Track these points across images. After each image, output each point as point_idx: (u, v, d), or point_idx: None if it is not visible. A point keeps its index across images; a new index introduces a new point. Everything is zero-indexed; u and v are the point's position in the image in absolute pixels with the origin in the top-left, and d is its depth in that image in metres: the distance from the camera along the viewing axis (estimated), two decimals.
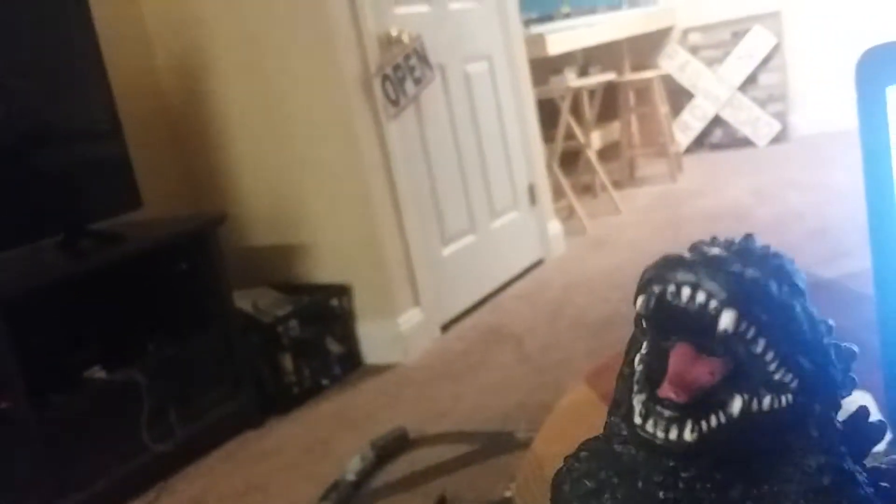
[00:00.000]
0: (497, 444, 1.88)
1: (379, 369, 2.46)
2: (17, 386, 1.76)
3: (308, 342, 2.38)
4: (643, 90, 4.46)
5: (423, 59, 2.69)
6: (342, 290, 2.54)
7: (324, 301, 2.48)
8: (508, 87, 3.20)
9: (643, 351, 0.45)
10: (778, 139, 4.71)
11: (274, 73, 2.52)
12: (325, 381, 2.42)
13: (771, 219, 3.21)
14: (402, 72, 2.61)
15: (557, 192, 3.62)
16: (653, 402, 0.43)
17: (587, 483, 0.49)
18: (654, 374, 0.45)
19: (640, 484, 0.47)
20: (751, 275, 0.43)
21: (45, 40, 2.07)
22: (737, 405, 0.46)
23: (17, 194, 1.96)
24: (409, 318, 2.57)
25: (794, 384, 0.49)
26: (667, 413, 0.43)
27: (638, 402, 0.44)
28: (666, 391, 0.43)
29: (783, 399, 0.48)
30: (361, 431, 2.07)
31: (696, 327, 0.41)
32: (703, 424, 0.45)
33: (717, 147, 4.90)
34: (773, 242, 0.41)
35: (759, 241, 0.43)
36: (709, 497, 0.47)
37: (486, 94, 3.07)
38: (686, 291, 0.40)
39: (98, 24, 2.14)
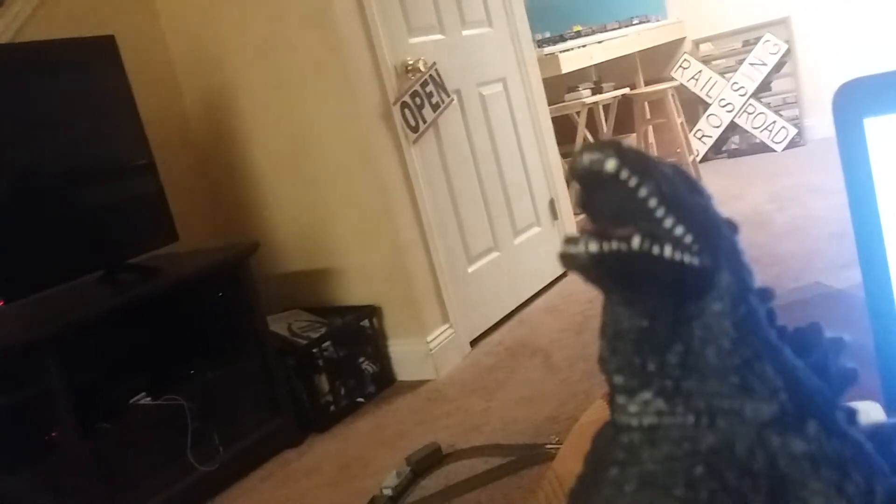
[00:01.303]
0: (529, 457, 1.92)
1: (411, 386, 2.52)
2: (67, 417, 1.85)
3: (342, 362, 2.46)
4: (657, 102, 4.52)
5: (440, 85, 2.78)
6: (372, 312, 2.61)
7: (355, 322, 2.56)
8: (524, 107, 3.28)
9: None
10: (794, 143, 4.73)
11: (297, 108, 2.62)
12: (360, 399, 2.49)
13: (791, 224, 3.24)
14: (419, 98, 2.70)
15: (578, 207, 3.68)
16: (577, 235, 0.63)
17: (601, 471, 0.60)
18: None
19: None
20: (639, 150, 0.60)
21: (81, 85, 2.19)
22: (636, 241, 0.62)
23: (61, 234, 2.07)
24: (439, 335, 2.64)
25: (694, 246, 0.64)
26: (582, 237, 0.59)
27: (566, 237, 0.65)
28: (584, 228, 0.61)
29: (685, 256, 0.63)
30: (396, 447, 2.13)
31: (597, 186, 0.57)
32: (605, 245, 0.61)
33: (734, 154, 4.94)
34: (794, 247, 0.49)
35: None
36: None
37: (502, 115, 3.15)
38: (587, 156, 0.56)
39: (129, 69, 2.26)
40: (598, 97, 4.11)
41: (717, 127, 4.92)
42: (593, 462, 0.77)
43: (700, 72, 4.95)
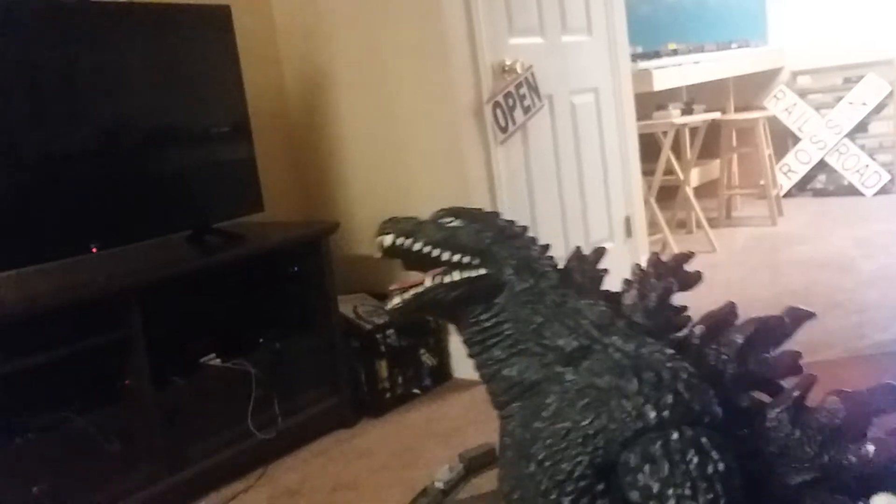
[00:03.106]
0: None
1: (467, 384, 2.53)
2: (143, 367, 1.92)
3: (403, 351, 2.49)
4: (746, 130, 4.41)
5: (534, 89, 2.77)
6: None
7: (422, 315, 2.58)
8: (613, 120, 3.24)
9: None
10: (886, 190, 4.57)
11: (392, 94, 2.65)
12: (416, 391, 2.51)
13: (878, 272, 3.12)
14: (512, 100, 2.70)
15: (653, 226, 3.63)
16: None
17: None
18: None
19: None
20: (408, 217, 1.19)
21: (193, 50, 2.26)
22: (427, 281, 1.13)
23: (155, 190, 2.14)
24: None
25: (474, 262, 1.12)
26: (394, 294, 1.19)
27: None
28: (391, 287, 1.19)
29: (470, 273, 1.11)
30: (448, 443, 2.15)
31: (395, 255, 1.21)
32: (405, 295, 1.18)
33: (820, 193, 4.79)
34: (880, 297, 0.48)
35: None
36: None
37: (590, 126, 3.13)
38: (377, 239, 1.20)
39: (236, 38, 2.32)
40: (687, 119, 4.04)
41: (806, 163, 4.78)
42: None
43: (795, 104, 4.81)
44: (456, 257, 1.12)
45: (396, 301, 1.16)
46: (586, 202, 3.10)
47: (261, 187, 2.36)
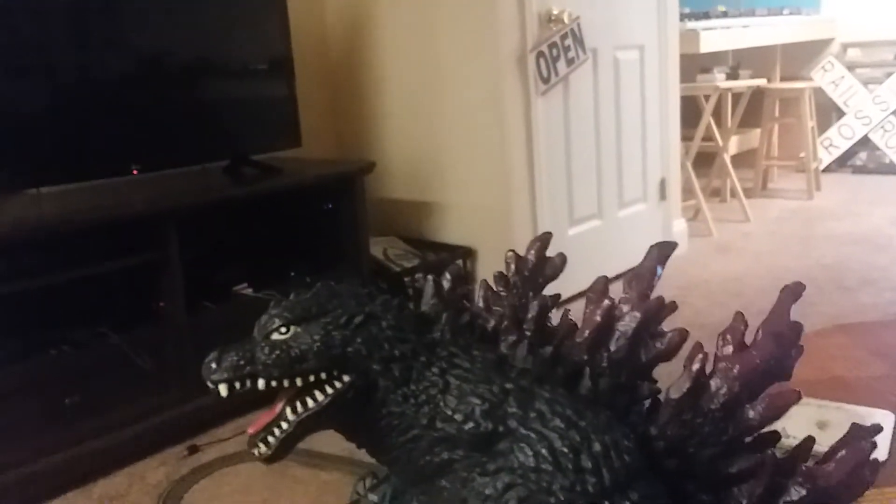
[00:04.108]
0: None
1: None
2: (178, 290, 1.96)
3: None
4: (790, 100, 4.31)
5: (579, 41, 2.72)
6: (467, 253, 2.63)
7: (450, 260, 2.58)
8: (656, 80, 3.18)
9: None
10: None
11: (434, 38, 2.62)
12: None
13: None
14: (556, 50, 2.65)
15: (687, 192, 3.59)
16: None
17: None
18: None
19: None
20: (234, 352, 0.99)
21: None
22: (289, 415, 0.93)
23: (196, 117, 2.15)
24: None
25: (333, 374, 0.94)
26: (254, 440, 0.95)
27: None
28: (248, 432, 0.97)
29: (333, 386, 0.94)
30: None
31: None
32: (270, 439, 0.95)
33: (860, 170, 4.69)
34: None
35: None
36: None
37: (632, 83, 3.07)
38: (209, 382, 0.97)
39: None
40: (732, 83, 3.95)
41: (849, 139, 4.67)
42: None
43: (843, 77, 4.68)
44: (311, 377, 0.92)
45: (263, 449, 0.94)
46: (622, 161, 3.06)
47: (299, 123, 2.35)
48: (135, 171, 1.98)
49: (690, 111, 3.66)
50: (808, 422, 1.56)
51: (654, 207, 3.24)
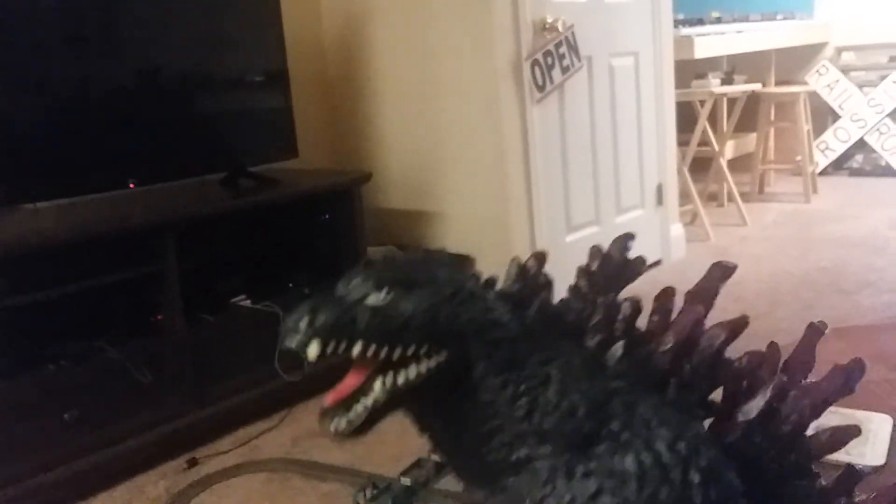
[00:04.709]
0: None
1: None
2: (176, 302, 1.96)
3: None
4: (786, 104, 4.33)
5: (573, 48, 2.73)
6: (466, 261, 2.63)
7: None
8: (651, 86, 3.19)
9: None
10: None
11: (430, 48, 2.63)
12: None
13: None
14: (551, 58, 2.66)
15: (684, 197, 3.59)
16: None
17: None
18: None
19: None
20: (336, 306, 0.82)
21: None
22: (377, 386, 0.81)
23: (193, 130, 2.16)
24: None
25: (431, 350, 0.82)
26: (330, 412, 0.81)
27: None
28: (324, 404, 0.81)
29: (429, 363, 0.82)
30: None
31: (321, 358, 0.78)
32: (349, 415, 0.81)
33: (856, 173, 4.70)
34: None
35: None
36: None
37: (628, 90, 3.08)
38: (290, 340, 0.77)
39: None
40: (727, 88, 3.96)
41: (845, 142, 4.68)
42: None
43: (837, 81, 4.70)
44: (410, 350, 0.83)
45: (343, 423, 0.82)
46: (619, 167, 3.07)
47: (296, 134, 2.36)
48: (132, 185, 1.98)
49: (686, 117, 3.67)
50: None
51: (652, 213, 3.25)
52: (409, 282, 0.84)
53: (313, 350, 0.78)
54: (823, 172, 4.67)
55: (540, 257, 1.01)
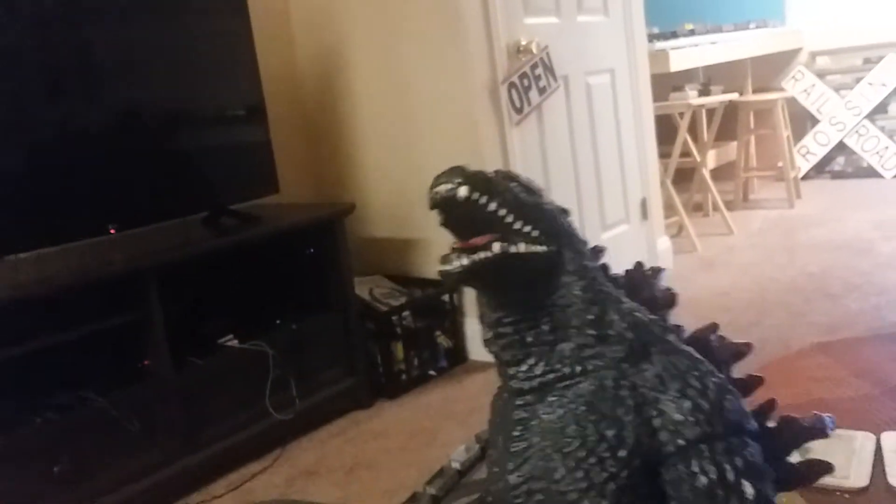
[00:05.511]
0: None
1: (483, 366, 2.53)
2: (162, 347, 1.94)
3: (419, 333, 2.49)
4: (764, 111, 4.36)
5: (549, 69, 2.75)
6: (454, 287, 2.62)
7: (436, 296, 2.58)
8: (629, 101, 3.21)
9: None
10: None
11: (405, 76, 2.64)
12: (432, 372, 2.52)
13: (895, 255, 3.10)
14: (528, 80, 2.68)
15: (669, 209, 3.61)
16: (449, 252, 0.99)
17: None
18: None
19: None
20: (480, 171, 1.01)
21: (206, 29, 2.25)
22: (496, 247, 0.99)
23: (171, 172, 2.15)
24: None
25: (541, 237, 1.00)
26: (453, 255, 1.00)
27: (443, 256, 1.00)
28: (454, 246, 1.00)
29: (535, 247, 1.01)
30: (465, 423, 2.15)
31: (454, 209, 1.01)
32: (473, 257, 0.98)
33: (838, 175, 4.74)
34: None
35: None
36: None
37: (606, 107, 3.10)
38: (442, 187, 1.01)
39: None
40: (705, 100, 4.00)
41: (825, 145, 4.72)
42: (497, 425, 1.05)
43: (813, 85, 4.75)
44: (527, 228, 1.02)
45: (456, 264, 1.00)
46: (602, 184, 3.08)
47: (276, 169, 2.36)
48: (112, 231, 1.97)
49: (666, 129, 3.69)
50: None
51: (637, 227, 3.25)
52: (527, 189, 1.08)
53: (462, 191, 1.00)
54: (806, 177, 4.70)
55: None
